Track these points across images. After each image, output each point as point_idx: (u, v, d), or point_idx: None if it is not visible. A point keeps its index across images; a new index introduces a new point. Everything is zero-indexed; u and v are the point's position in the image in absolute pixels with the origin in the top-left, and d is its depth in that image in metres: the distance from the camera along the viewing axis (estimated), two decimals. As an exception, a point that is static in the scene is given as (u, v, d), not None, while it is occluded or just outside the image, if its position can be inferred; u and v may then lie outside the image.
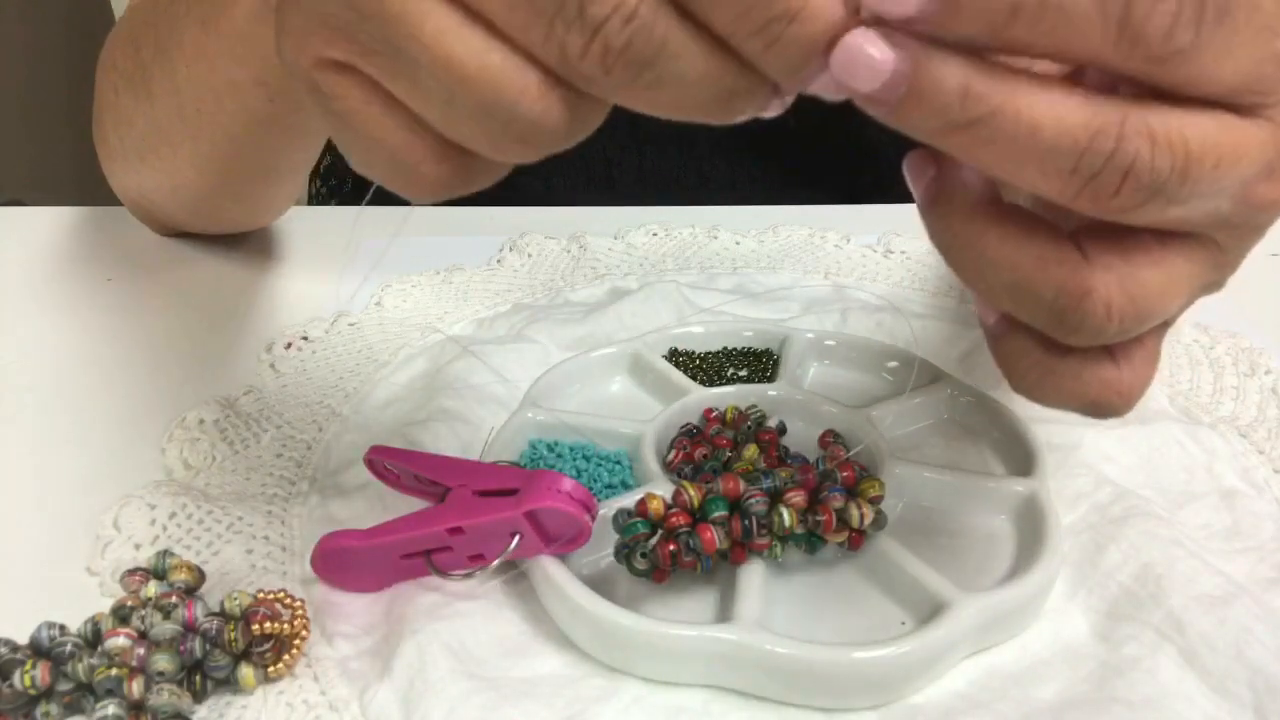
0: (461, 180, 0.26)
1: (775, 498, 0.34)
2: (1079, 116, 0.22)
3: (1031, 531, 0.37)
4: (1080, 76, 0.23)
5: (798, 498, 0.34)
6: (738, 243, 0.61)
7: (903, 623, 0.34)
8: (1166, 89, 0.22)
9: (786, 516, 0.33)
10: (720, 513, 0.33)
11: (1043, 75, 0.22)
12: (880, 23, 0.22)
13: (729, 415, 0.42)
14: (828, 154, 0.67)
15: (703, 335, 0.48)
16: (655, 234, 0.62)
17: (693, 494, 0.34)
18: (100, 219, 0.63)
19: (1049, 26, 0.21)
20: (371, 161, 0.26)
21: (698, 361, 0.47)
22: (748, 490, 0.34)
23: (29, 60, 1.77)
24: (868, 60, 0.22)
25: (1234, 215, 0.25)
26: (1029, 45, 0.21)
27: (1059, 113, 0.22)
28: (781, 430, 0.42)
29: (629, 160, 0.70)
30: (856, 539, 0.35)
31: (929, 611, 0.33)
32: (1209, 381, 0.48)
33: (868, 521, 0.34)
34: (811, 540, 0.34)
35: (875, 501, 0.34)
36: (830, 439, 0.41)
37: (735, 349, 0.48)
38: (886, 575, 0.35)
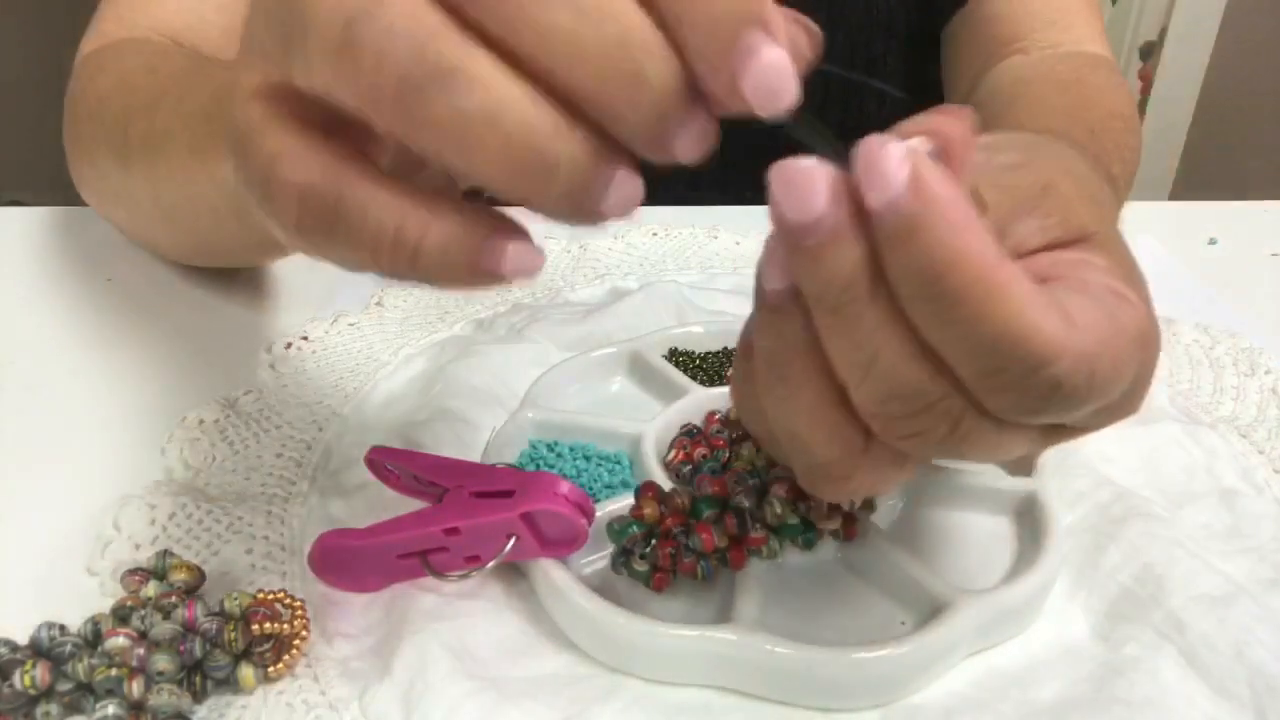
0: None
1: (761, 492, 0.34)
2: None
3: (1031, 531, 0.37)
4: None
5: (783, 490, 0.34)
6: (738, 243, 0.61)
7: (903, 623, 0.34)
8: None
9: (777, 505, 0.33)
10: (712, 511, 0.33)
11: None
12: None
13: (731, 415, 0.42)
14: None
15: (703, 335, 0.48)
16: (655, 234, 0.62)
17: (684, 497, 0.34)
18: (99, 219, 0.63)
19: None
20: None
21: (698, 361, 0.47)
22: (734, 488, 0.34)
23: (29, 60, 1.77)
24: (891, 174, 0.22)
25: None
26: None
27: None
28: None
29: None
30: (851, 529, 0.35)
31: (929, 611, 0.33)
32: (1209, 381, 0.48)
33: (858, 504, 0.34)
34: (807, 534, 0.34)
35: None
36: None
37: (735, 349, 0.48)
38: (886, 575, 0.35)
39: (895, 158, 0.22)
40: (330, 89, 0.22)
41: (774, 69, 0.21)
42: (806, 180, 0.22)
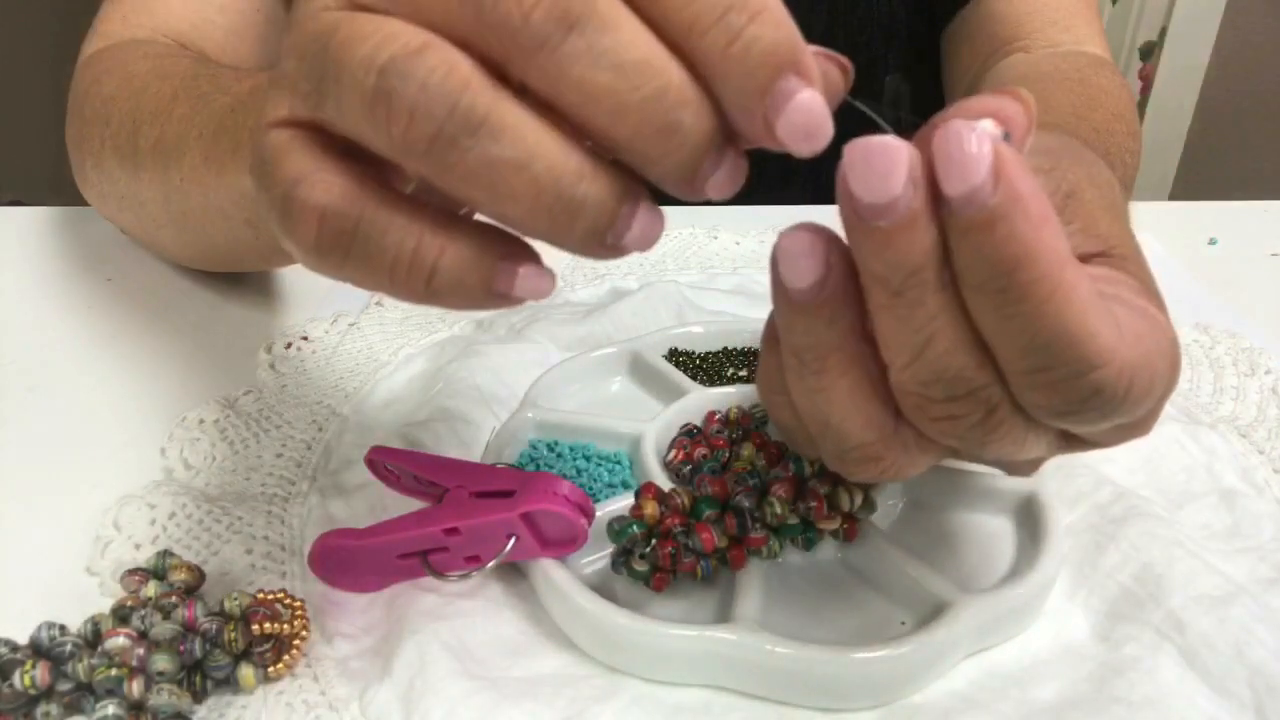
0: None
1: (762, 492, 0.34)
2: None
3: (1031, 531, 0.37)
4: None
5: (783, 490, 0.34)
6: (738, 243, 0.61)
7: (903, 623, 0.34)
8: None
9: (777, 505, 0.33)
10: (712, 511, 0.33)
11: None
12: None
13: (732, 415, 0.42)
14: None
15: (703, 335, 0.48)
16: (655, 234, 0.61)
17: (684, 497, 0.34)
18: (100, 219, 0.63)
19: None
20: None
21: (698, 361, 0.47)
22: (734, 488, 0.34)
23: (28, 60, 1.77)
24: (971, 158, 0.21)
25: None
26: None
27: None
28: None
29: None
30: (851, 529, 0.35)
31: (929, 611, 0.33)
32: (1209, 381, 0.48)
33: (858, 504, 0.34)
34: (808, 534, 0.34)
35: (863, 485, 0.34)
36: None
37: (735, 349, 0.48)
38: (886, 575, 0.35)
39: (978, 145, 0.21)
40: (362, 135, 0.22)
41: (807, 111, 0.21)
42: (887, 157, 0.21)
